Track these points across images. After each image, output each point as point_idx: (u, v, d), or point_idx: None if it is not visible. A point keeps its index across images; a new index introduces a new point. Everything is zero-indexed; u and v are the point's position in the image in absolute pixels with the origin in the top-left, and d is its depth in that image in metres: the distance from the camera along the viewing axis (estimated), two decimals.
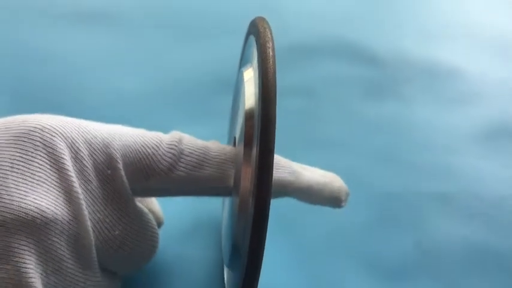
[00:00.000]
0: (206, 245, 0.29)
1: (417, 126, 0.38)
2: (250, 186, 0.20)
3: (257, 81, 0.21)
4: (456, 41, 0.45)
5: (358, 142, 0.37)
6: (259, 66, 0.20)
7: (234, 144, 0.25)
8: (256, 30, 0.21)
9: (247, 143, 0.21)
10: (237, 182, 0.22)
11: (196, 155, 0.23)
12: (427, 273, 0.29)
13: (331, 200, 0.24)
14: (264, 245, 0.19)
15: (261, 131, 0.19)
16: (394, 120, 0.38)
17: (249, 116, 0.21)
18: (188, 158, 0.23)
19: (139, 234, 0.23)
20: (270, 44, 0.20)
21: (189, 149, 0.23)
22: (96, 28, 0.42)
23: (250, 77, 0.22)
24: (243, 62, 0.26)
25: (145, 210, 0.23)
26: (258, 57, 0.20)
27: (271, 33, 0.21)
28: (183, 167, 0.22)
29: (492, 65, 0.43)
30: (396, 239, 0.31)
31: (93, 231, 0.21)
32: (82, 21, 0.43)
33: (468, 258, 0.30)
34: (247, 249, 0.19)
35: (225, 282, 0.26)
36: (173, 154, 0.22)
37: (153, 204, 0.27)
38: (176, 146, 0.23)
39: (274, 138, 0.19)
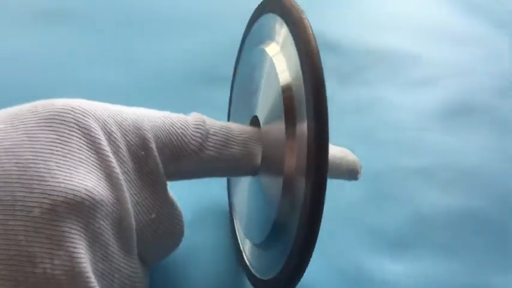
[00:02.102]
0: (213, 230, 0.29)
1: (384, 108, 0.40)
2: (296, 163, 0.20)
3: (291, 54, 0.21)
4: (405, 31, 0.48)
5: (333, 125, 0.38)
6: (297, 37, 0.20)
7: (252, 124, 0.25)
8: (284, 6, 0.21)
9: (289, 115, 0.21)
10: (269, 160, 0.22)
11: (221, 134, 0.23)
12: (423, 240, 0.31)
13: (349, 172, 0.25)
14: (320, 222, 0.19)
15: (313, 106, 0.19)
16: (362, 103, 0.40)
17: (285, 88, 0.21)
18: (215, 138, 0.22)
19: (171, 219, 0.22)
20: (304, 15, 0.20)
21: (213, 128, 0.23)
22: (61, 26, 0.41)
23: (276, 51, 0.22)
24: (254, 41, 0.26)
25: (171, 195, 0.23)
26: (294, 31, 0.20)
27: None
28: (212, 146, 0.22)
29: (439, 50, 0.46)
30: (390, 211, 0.32)
31: (132, 215, 0.20)
32: (45, 20, 0.41)
33: (452, 223, 0.32)
34: (303, 226, 0.19)
35: (247, 261, 0.26)
36: (201, 134, 0.22)
37: None
38: (202, 125, 0.22)
39: (327, 112, 0.19)
